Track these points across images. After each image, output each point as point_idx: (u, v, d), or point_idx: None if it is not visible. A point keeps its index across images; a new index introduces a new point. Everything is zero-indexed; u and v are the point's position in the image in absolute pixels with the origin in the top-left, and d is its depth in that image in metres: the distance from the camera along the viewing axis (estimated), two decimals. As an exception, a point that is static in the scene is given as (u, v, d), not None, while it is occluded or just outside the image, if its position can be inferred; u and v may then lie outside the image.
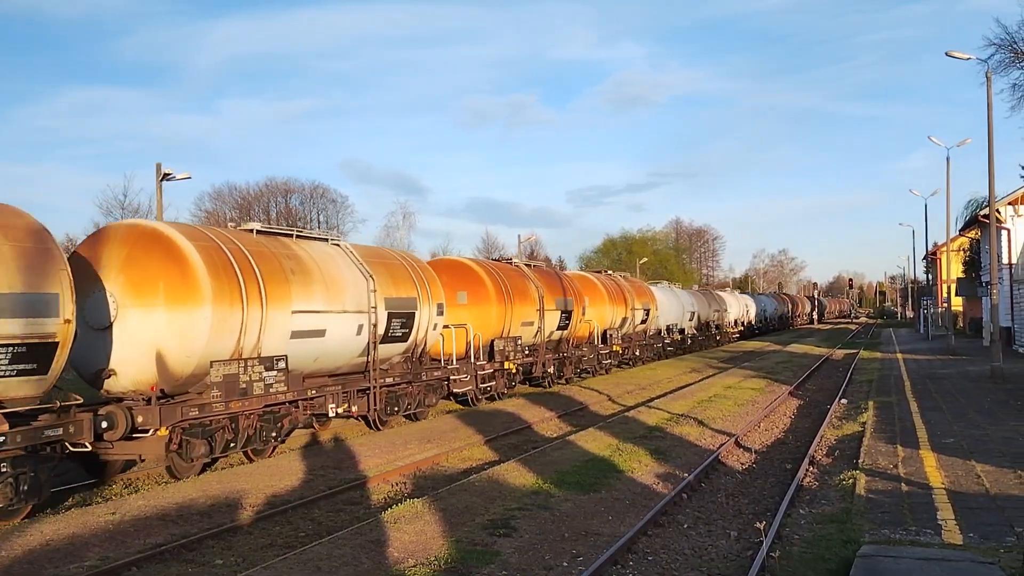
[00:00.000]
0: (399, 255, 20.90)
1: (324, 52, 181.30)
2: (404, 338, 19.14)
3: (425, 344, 20.22)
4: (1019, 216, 38.59)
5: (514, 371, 24.20)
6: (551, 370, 27.43)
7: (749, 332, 67.40)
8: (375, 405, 17.88)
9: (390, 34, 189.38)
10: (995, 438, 15.04)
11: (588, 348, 31.17)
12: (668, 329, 42.62)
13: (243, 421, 14.60)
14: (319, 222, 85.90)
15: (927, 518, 9.77)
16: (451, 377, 21.07)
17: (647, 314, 38.33)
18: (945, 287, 53.75)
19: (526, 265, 27.60)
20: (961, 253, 59.56)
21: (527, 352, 25.34)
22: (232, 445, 14.57)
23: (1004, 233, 38.17)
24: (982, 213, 39.72)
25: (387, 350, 18.64)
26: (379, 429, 18.90)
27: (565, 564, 9.04)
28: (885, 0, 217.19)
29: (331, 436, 18.28)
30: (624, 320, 35.07)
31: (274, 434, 15.48)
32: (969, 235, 53.72)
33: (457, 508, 10.96)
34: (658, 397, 24.75)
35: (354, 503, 12.49)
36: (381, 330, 18.01)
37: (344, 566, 8.62)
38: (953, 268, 57.28)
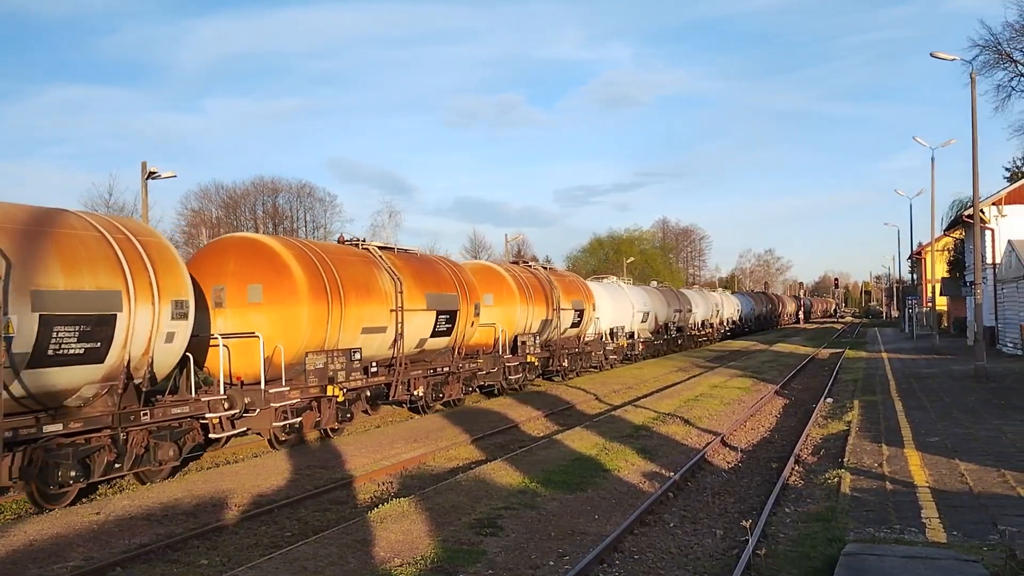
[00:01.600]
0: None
1: (311, 51, 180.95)
2: None
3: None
4: (1003, 216, 38.85)
5: (340, 399, 17.01)
6: (421, 391, 20.44)
7: (720, 335, 60.97)
8: None
9: (377, 33, 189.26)
10: (979, 437, 15.14)
11: (488, 360, 23.95)
12: (612, 333, 35.60)
13: None
14: (306, 221, 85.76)
15: (911, 516, 9.82)
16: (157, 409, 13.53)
17: (581, 316, 31.45)
18: (930, 287, 54.16)
19: (383, 248, 20.34)
20: (946, 253, 59.96)
21: (374, 370, 18.46)
22: None
23: (988, 233, 38.43)
24: (966, 213, 39.97)
25: None
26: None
27: (551, 563, 9.04)
28: (870, 1, 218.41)
29: (317, 436, 18.23)
30: (546, 323, 28.14)
31: None
32: (953, 235, 54.08)
33: (444, 507, 10.95)
34: (644, 396, 24.80)
35: (340, 502, 12.46)
36: None
37: (330, 566, 8.60)
38: (938, 268, 57.71)
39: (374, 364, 18.48)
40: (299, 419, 16.30)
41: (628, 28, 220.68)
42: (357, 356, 17.47)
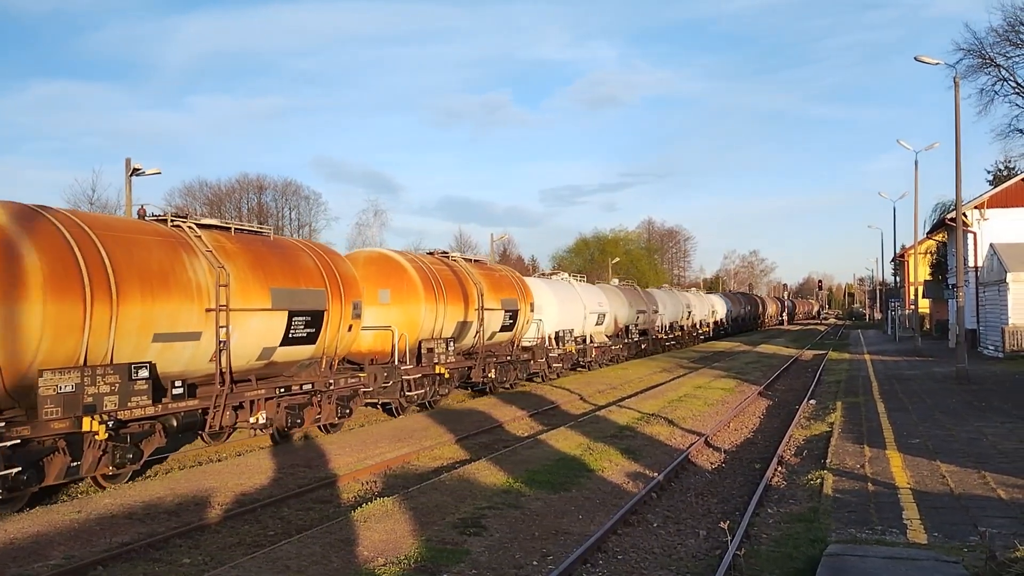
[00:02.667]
0: None
1: (296, 49, 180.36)
2: None
3: None
4: (985, 220, 39.17)
5: (101, 435, 11.89)
6: (262, 417, 15.67)
7: (693, 339, 56.07)
8: None
9: (362, 32, 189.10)
10: (960, 439, 15.25)
11: (376, 373, 19.39)
12: (558, 338, 30.82)
13: None
14: (292, 219, 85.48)
15: (893, 517, 9.89)
16: None
17: (514, 317, 26.63)
18: (912, 289, 54.43)
19: (207, 227, 15.53)
20: (928, 256, 60.35)
21: (179, 392, 13.59)
22: None
23: (970, 236, 38.72)
24: (949, 216, 40.26)
25: None
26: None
27: (535, 563, 9.05)
28: (854, 4, 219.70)
29: (302, 435, 18.17)
30: (464, 325, 23.43)
31: None
32: (936, 238, 54.43)
33: (427, 507, 10.94)
34: (629, 396, 24.84)
35: (324, 501, 12.43)
36: None
37: (313, 565, 8.57)
38: (920, 270, 58.01)
39: (179, 383, 13.66)
40: (14, 471, 10.80)
41: (613, 29, 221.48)
42: (143, 374, 12.61)
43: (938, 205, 59.52)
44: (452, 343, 22.41)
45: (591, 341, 34.64)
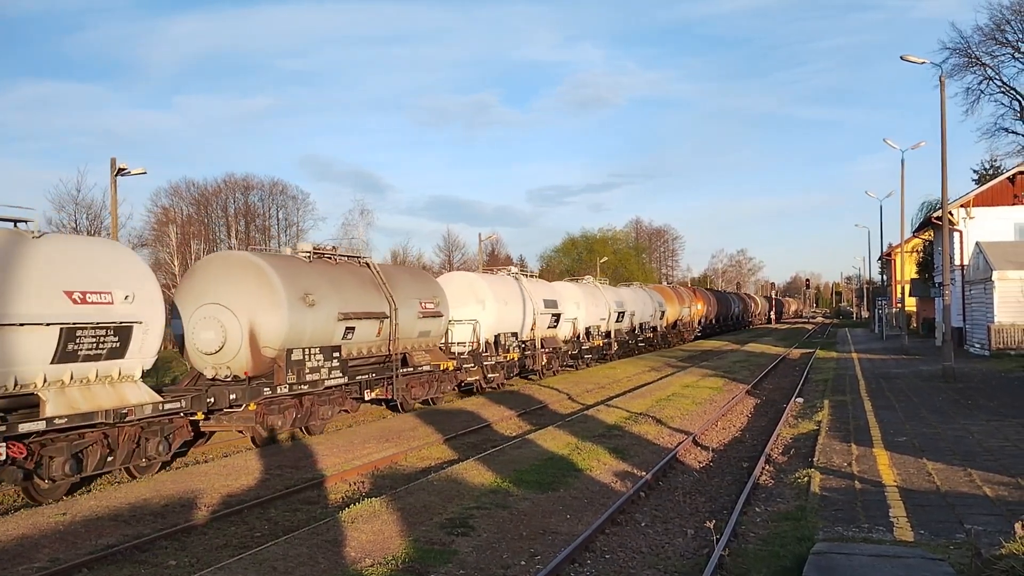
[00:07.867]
0: None
1: (284, 50, 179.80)
2: None
3: None
4: (971, 218, 39.36)
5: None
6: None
7: (555, 367, 31.85)
8: None
9: (351, 33, 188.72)
10: (946, 437, 15.31)
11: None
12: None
13: None
14: (279, 219, 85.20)
15: (879, 515, 9.91)
16: None
17: None
18: (899, 288, 54.67)
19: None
20: (915, 254, 60.64)
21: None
22: None
23: (956, 235, 38.89)
24: (935, 215, 40.44)
25: None
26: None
27: (523, 563, 9.03)
28: (839, 7, 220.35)
29: (288, 435, 18.10)
30: None
31: None
32: (923, 236, 54.71)
33: (415, 507, 10.92)
34: (617, 396, 24.85)
35: (311, 502, 12.39)
36: None
37: (300, 566, 8.54)
38: (907, 269, 58.29)
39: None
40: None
41: (600, 30, 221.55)
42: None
43: (924, 204, 59.72)
44: None
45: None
